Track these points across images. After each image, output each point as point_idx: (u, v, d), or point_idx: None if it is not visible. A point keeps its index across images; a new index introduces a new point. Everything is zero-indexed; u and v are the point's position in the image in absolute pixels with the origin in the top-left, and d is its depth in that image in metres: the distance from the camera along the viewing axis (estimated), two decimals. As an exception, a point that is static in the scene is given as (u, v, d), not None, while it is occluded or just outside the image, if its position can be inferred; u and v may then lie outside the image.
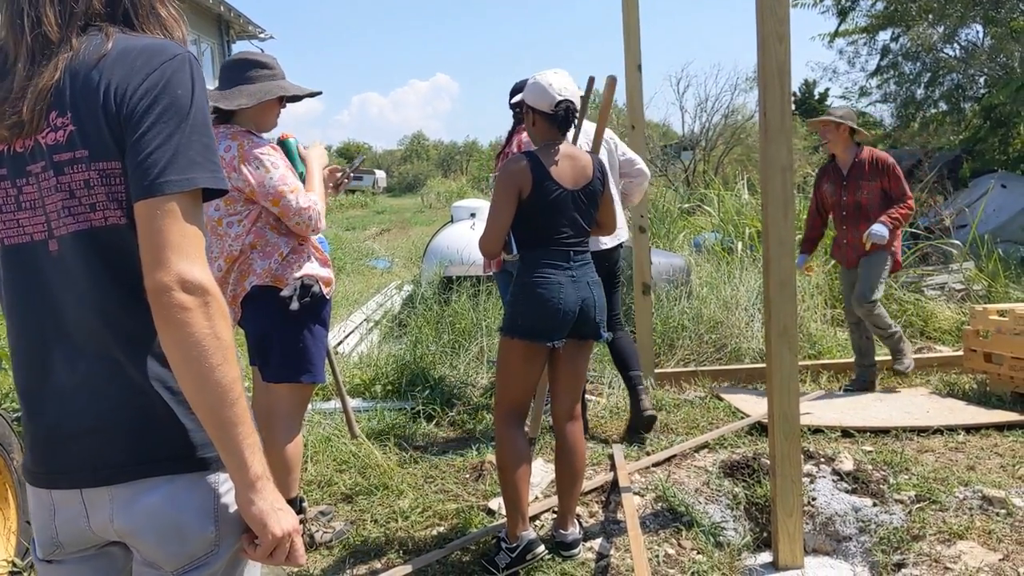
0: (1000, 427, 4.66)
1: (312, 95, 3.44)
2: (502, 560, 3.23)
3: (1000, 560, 3.19)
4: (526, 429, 3.49)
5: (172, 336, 1.28)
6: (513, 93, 4.68)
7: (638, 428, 4.69)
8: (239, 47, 20.34)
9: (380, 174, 47.62)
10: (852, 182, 5.59)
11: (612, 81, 3.55)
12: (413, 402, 5.38)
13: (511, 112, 4.69)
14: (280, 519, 1.37)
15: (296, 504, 3.44)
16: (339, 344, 7.19)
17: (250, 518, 1.36)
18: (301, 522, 3.54)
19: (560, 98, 3.22)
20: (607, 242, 4.54)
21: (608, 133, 4.78)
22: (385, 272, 13.22)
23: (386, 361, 6.11)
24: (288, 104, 3.45)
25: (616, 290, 4.80)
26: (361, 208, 31.78)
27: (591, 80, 3.68)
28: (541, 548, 3.28)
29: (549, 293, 3.17)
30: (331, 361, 4.10)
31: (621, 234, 4.70)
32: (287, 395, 3.29)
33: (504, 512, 3.38)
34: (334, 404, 5.19)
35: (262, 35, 21.40)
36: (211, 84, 7.80)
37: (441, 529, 3.68)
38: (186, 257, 1.29)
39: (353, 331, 7.83)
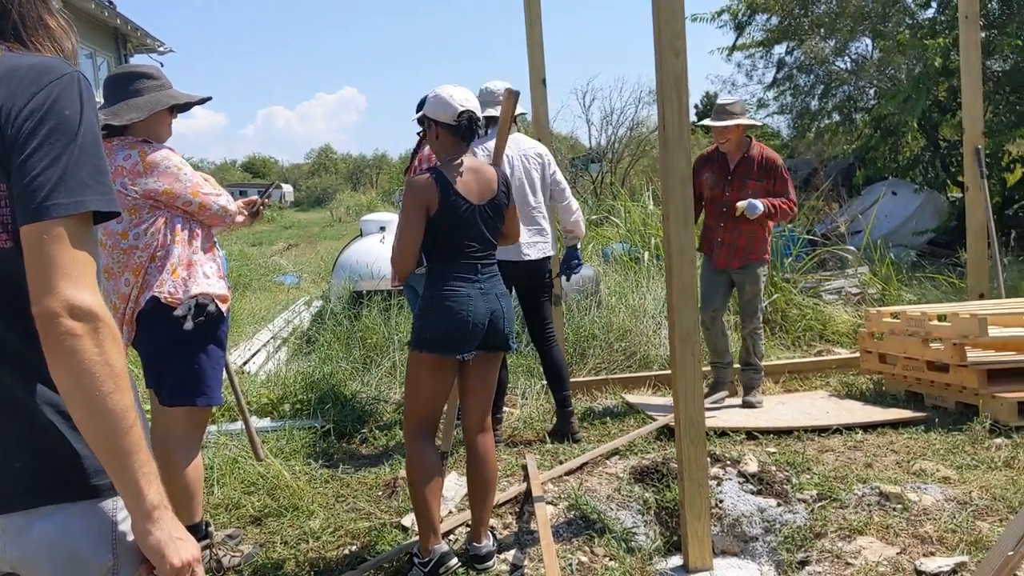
0: (895, 424, 4.86)
1: (201, 102, 3.44)
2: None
3: (897, 554, 3.31)
4: (438, 443, 3.47)
5: (61, 364, 1.24)
6: (420, 108, 4.67)
7: (565, 440, 4.85)
8: (137, 61, 19.71)
9: (287, 188, 46.98)
10: (738, 179, 5.26)
11: (510, 94, 3.55)
12: (323, 420, 5.29)
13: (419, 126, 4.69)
14: (179, 548, 1.33)
15: (202, 528, 3.34)
16: (245, 363, 7.01)
17: (147, 549, 1.32)
18: (208, 547, 3.45)
19: (462, 108, 3.22)
20: (532, 254, 4.61)
21: (543, 151, 4.93)
22: (293, 288, 12.95)
23: (295, 379, 5.99)
24: (179, 114, 3.40)
25: (547, 302, 4.93)
26: (268, 223, 31.14)
27: (510, 93, 3.56)
28: (454, 561, 3.27)
29: (459, 306, 3.17)
30: (232, 381, 3.99)
31: (547, 248, 4.80)
32: (183, 418, 3.20)
33: (417, 528, 3.36)
34: (240, 425, 5.06)
35: (161, 48, 20.73)
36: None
37: (353, 548, 3.62)
38: (75, 282, 1.25)
39: (260, 349, 7.65)
